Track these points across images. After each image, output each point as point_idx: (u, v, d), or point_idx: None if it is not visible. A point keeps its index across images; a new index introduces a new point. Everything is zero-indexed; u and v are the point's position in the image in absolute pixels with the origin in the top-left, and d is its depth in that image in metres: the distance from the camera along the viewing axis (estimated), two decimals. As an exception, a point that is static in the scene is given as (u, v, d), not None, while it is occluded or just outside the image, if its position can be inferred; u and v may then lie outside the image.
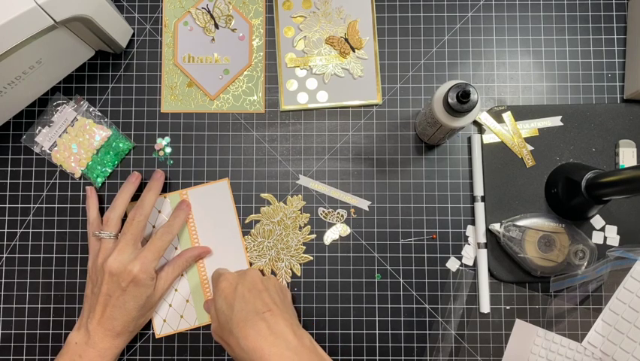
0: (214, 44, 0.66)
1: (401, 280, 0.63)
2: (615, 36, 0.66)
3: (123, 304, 0.55)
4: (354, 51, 0.66)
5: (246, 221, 0.64)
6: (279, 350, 0.48)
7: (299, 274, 0.63)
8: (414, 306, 0.63)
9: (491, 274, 0.63)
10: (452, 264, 0.63)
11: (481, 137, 0.64)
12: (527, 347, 0.61)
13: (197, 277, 0.63)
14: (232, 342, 0.51)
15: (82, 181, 0.65)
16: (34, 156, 0.65)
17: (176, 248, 0.63)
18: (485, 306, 0.62)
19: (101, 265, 0.56)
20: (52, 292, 0.63)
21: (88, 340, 0.55)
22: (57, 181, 0.65)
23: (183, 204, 0.63)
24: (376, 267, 0.63)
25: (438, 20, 0.67)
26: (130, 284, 0.55)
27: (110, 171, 0.64)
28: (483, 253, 0.62)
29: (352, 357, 0.62)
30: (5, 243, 0.64)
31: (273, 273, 0.63)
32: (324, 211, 0.64)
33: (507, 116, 0.64)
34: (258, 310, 0.51)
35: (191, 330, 0.63)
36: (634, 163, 0.63)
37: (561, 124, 0.64)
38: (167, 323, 0.62)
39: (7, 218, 0.64)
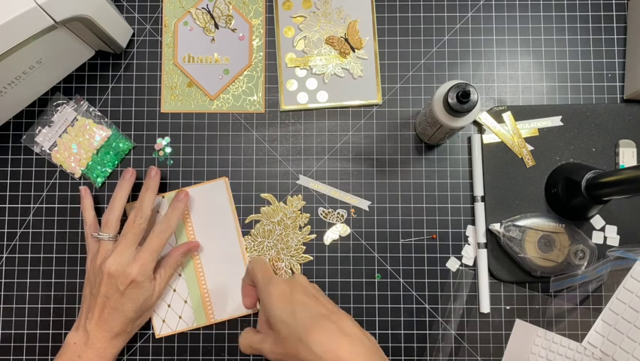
0: (214, 44, 0.66)
1: (401, 280, 0.63)
2: (615, 36, 0.66)
3: (121, 307, 0.55)
4: (354, 51, 0.66)
5: (246, 221, 0.64)
6: (356, 349, 0.45)
7: (299, 274, 0.63)
8: (414, 306, 0.63)
9: (491, 274, 0.63)
10: (452, 264, 0.63)
11: (481, 137, 0.64)
12: (527, 347, 0.61)
13: (195, 278, 0.63)
14: (302, 351, 0.46)
15: (82, 181, 0.65)
16: (34, 156, 0.65)
17: (176, 248, 0.63)
18: (485, 306, 0.62)
19: (99, 266, 0.56)
20: (52, 292, 0.63)
21: (87, 340, 0.55)
22: (57, 181, 0.65)
23: (181, 194, 0.62)
24: (376, 267, 0.63)
25: (438, 20, 0.67)
26: (128, 287, 0.55)
27: (110, 171, 0.64)
28: (483, 253, 0.62)
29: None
30: (5, 243, 0.64)
31: (274, 273, 0.63)
32: (324, 211, 0.64)
33: (507, 116, 0.64)
34: (323, 313, 0.48)
35: (190, 330, 0.63)
36: (634, 163, 0.63)
37: (561, 124, 0.64)
38: (166, 323, 0.62)
39: (7, 218, 0.64)
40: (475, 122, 0.65)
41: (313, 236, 0.64)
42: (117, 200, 0.59)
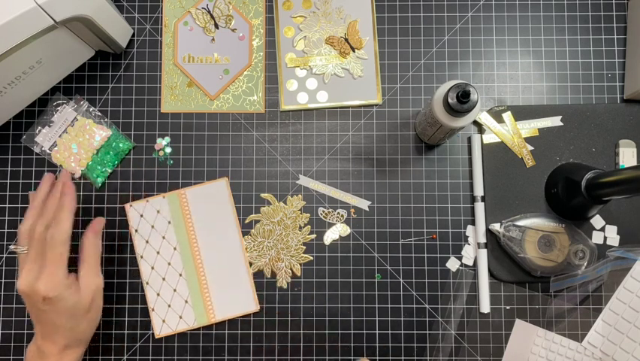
0: (214, 44, 0.66)
1: (401, 280, 0.63)
2: (615, 36, 0.66)
3: (51, 322, 0.53)
4: (354, 51, 0.66)
5: (246, 221, 0.64)
6: None
7: (299, 274, 0.63)
8: (414, 306, 0.63)
9: (491, 274, 0.63)
10: (452, 264, 0.63)
11: (481, 137, 0.64)
12: (527, 347, 0.61)
13: (196, 278, 0.63)
14: None
15: (82, 181, 0.65)
16: (34, 156, 0.65)
17: (175, 248, 0.63)
18: (485, 306, 0.62)
19: (17, 284, 0.52)
20: (52, 292, 0.63)
21: (40, 353, 0.54)
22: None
23: (65, 188, 0.55)
24: (376, 267, 0.63)
25: (438, 20, 0.67)
26: (44, 304, 0.51)
27: (110, 171, 0.64)
28: (483, 253, 0.62)
29: (352, 357, 0.62)
30: (5, 243, 0.64)
31: (273, 273, 0.63)
32: (324, 211, 0.64)
33: (507, 116, 0.64)
34: None
35: (190, 330, 0.63)
36: (634, 163, 0.63)
37: (561, 124, 0.64)
38: (166, 323, 0.62)
39: (7, 218, 0.64)
40: (475, 122, 0.65)
41: (313, 236, 0.64)
42: (32, 210, 0.54)
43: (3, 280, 0.64)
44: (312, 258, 0.64)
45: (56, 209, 0.54)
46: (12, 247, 0.55)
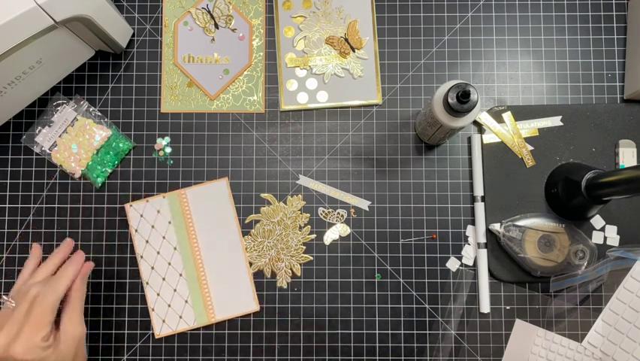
0: (214, 44, 0.66)
1: (401, 280, 0.63)
2: (615, 36, 0.66)
3: None
4: (354, 51, 0.66)
5: (246, 221, 0.64)
6: None
7: (299, 274, 0.63)
8: (414, 306, 0.63)
9: (491, 274, 0.63)
10: (452, 264, 0.63)
11: (481, 137, 0.64)
12: (527, 347, 0.61)
13: (196, 278, 0.63)
14: None
15: (82, 181, 0.65)
16: (34, 156, 0.65)
17: (175, 248, 0.63)
18: (485, 306, 0.62)
19: None
20: (52, 292, 0.63)
21: None
22: (57, 181, 0.65)
23: (77, 256, 0.56)
24: (376, 267, 0.63)
25: (438, 20, 0.67)
26: None
27: (110, 171, 0.64)
28: (483, 253, 0.62)
29: (352, 357, 0.62)
30: (5, 243, 0.64)
31: (273, 273, 0.63)
32: (324, 211, 0.64)
33: (507, 116, 0.64)
34: None
35: (190, 330, 0.63)
36: (634, 163, 0.63)
37: (561, 124, 0.64)
38: (166, 323, 0.62)
39: (7, 218, 0.64)
40: (475, 122, 0.65)
41: (313, 236, 0.64)
42: (43, 269, 0.55)
43: (3, 280, 0.64)
44: (312, 258, 0.64)
45: (59, 272, 0.54)
46: (4, 297, 0.52)
